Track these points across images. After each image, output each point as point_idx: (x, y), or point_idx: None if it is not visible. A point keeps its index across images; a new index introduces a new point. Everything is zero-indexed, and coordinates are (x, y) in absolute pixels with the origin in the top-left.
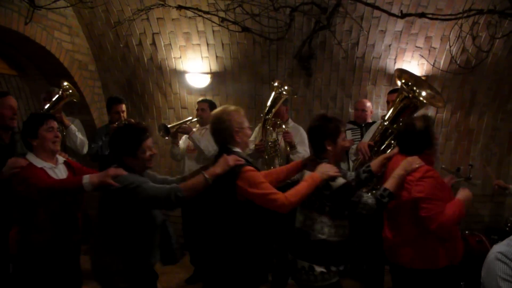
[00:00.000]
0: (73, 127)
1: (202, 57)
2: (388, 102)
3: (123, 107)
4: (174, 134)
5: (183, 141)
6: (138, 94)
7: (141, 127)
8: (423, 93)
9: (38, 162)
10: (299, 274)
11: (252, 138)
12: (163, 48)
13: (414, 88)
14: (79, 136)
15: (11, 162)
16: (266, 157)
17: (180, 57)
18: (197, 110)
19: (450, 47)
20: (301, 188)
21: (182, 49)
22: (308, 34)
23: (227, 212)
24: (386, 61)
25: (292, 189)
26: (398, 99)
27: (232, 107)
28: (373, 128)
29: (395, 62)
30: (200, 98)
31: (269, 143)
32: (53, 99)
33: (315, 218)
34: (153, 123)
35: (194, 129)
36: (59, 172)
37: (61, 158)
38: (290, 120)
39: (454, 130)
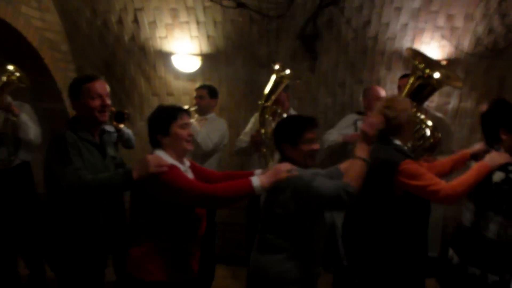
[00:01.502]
0: (24, 115)
1: (191, 36)
2: (399, 87)
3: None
4: None
5: None
6: (118, 79)
7: (307, 117)
8: (438, 74)
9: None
10: (467, 281)
11: (247, 129)
12: (147, 26)
13: (428, 69)
14: (32, 125)
15: (153, 159)
16: (264, 150)
17: (166, 37)
18: (196, 98)
19: (475, 26)
20: (469, 177)
21: (169, 28)
22: (313, 11)
23: (384, 207)
24: (402, 42)
25: (457, 179)
26: (411, 80)
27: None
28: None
29: (412, 44)
30: (202, 84)
31: (268, 135)
32: None
33: (490, 217)
34: (135, 112)
35: (192, 120)
36: (189, 176)
37: (187, 162)
38: (291, 109)
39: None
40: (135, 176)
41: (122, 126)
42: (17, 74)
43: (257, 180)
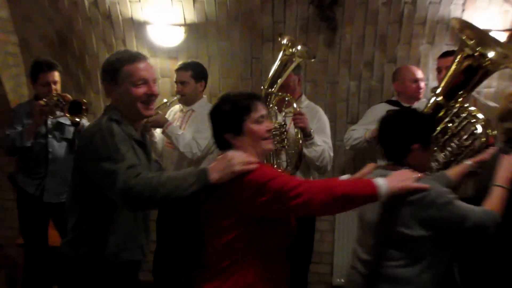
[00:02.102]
0: None
1: (172, 1)
2: (439, 69)
3: (56, 75)
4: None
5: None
6: (75, 56)
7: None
8: (493, 52)
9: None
10: None
11: None
12: None
13: (481, 46)
14: None
15: (238, 156)
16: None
17: (139, 1)
18: (176, 83)
19: None
20: None
21: None
22: None
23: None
24: (449, 8)
25: None
26: (456, 61)
27: None
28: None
29: (463, 10)
30: (182, 63)
31: (273, 130)
32: None
33: None
34: (98, 100)
35: (177, 111)
36: None
37: None
38: (303, 97)
39: None
40: (214, 178)
41: (80, 119)
42: None
43: (384, 182)
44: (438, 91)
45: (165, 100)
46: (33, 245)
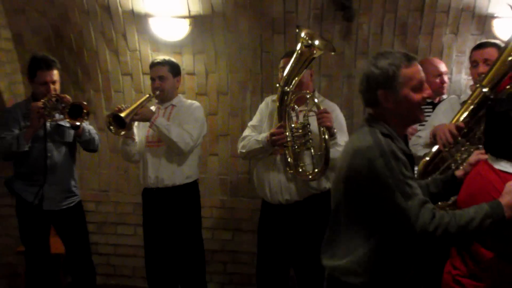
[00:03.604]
0: None
1: None
2: (474, 62)
3: (55, 74)
4: (129, 125)
5: (139, 130)
6: (73, 51)
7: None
8: None
9: None
10: None
11: (254, 121)
12: None
13: None
14: None
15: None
16: (287, 152)
17: None
18: (152, 80)
19: None
20: None
21: None
22: None
23: None
24: None
25: None
26: (507, 51)
27: None
28: (443, 107)
29: None
30: (157, 59)
31: (295, 130)
32: None
33: None
34: (98, 98)
35: (154, 109)
36: None
37: None
38: (317, 93)
39: None
40: (509, 215)
41: (81, 122)
42: None
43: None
44: (485, 81)
45: (147, 95)
46: (34, 254)
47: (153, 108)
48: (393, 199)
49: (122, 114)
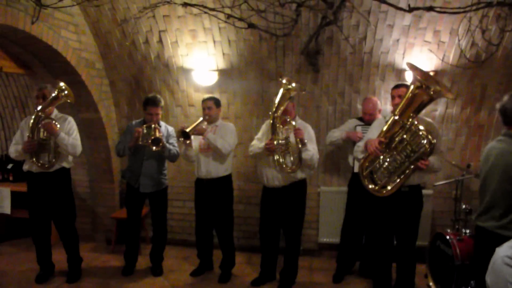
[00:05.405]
0: (62, 134)
1: (208, 54)
2: (392, 97)
3: (158, 110)
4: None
5: (194, 141)
6: (145, 92)
7: None
8: (435, 86)
9: None
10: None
11: (259, 135)
12: (170, 45)
13: (425, 82)
14: (69, 142)
15: None
16: (276, 157)
17: (187, 55)
18: (204, 109)
19: (459, 41)
20: None
21: (189, 46)
22: (315, 29)
23: None
24: (394, 56)
25: None
26: (410, 90)
27: None
28: (375, 125)
29: (403, 57)
30: (206, 96)
31: (280, 141)
32: (49, 98)
33: None
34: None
35: (205, 127)
36: None
37: None
38: (297, 117)
39: (465, 125)
40: None
41: (158, 147)
42: (66, 92)
43: None
44: (397, 110)
45: (201, 118)
46: (132, 217)
47: (204, 126)
48: None
49: (187, 130)
